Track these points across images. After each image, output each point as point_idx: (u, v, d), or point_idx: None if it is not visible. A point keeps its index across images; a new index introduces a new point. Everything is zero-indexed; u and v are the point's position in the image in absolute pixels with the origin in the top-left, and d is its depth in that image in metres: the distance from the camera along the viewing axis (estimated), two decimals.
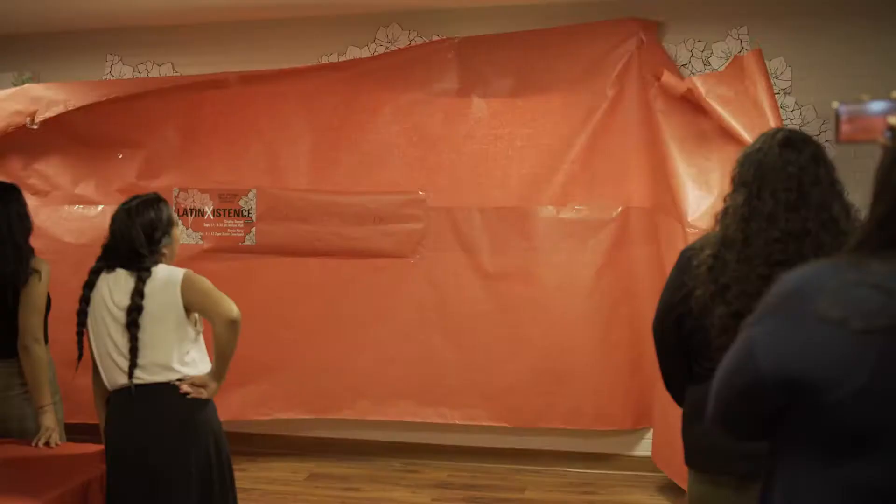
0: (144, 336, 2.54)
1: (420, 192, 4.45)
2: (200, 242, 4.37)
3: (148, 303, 2.55)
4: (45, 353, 2.98)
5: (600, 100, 4.25)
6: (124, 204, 2.69)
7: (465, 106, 4.41)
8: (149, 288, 2.56)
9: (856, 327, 1.03)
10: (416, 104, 4.44)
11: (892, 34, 4.78)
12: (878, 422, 1.04)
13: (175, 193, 4.53)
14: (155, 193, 2.76)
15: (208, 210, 4.22)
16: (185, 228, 4.25)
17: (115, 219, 2.67)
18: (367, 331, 4.45)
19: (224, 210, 4.20)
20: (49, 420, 2.94)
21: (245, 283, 4.25)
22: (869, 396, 1.03)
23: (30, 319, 2.95)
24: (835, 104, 1.26)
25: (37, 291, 2.97)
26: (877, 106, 1.23)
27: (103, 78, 6.04)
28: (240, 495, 2.84)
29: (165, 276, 2.60)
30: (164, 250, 2.69)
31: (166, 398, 2.55)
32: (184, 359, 2.59)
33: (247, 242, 4.22)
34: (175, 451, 2.54)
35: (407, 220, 4.44)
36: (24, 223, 3.04)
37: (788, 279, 1.13)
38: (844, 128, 1.25)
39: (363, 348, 4.44)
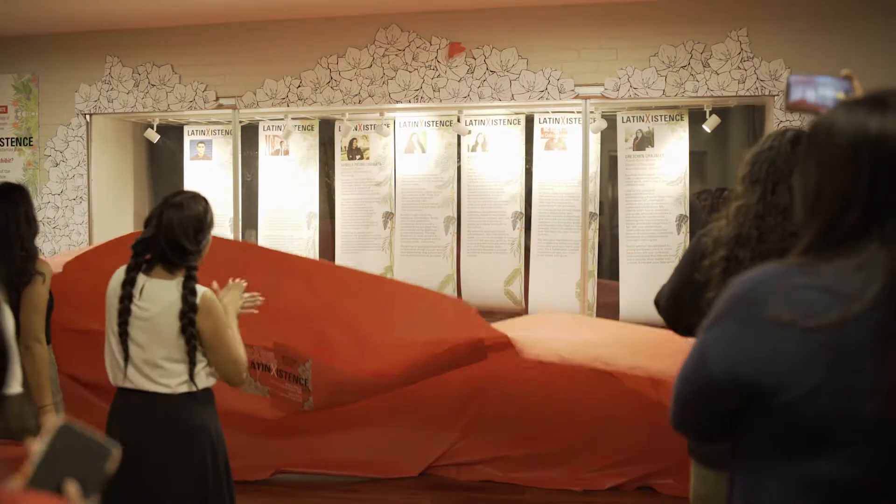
0: (145, 340, 2.51)
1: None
2: (266, 396, 4.19)
3: (154, 308, 2.50)
4: (46, 353, 2.99)
5: None
6: (172, 197, 2.55)
7: None
8: (162, 296, 2.49)
9: (805, 327, 1.06)
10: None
11: (890, 35, 4.81)
12: (831, 419, 1.06)
13: None
14: (197, 192, 2.65)
15: (273, 368, 4.16)
16: (252, 381, 4.12)
17: (159, 213, 2.51)
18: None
19: (286, 373, 4.10)
20: (50, 420, 2.93)
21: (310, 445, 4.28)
22: (821, 395, 1.06)
23: (32, 319, 2.95)
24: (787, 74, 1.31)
25: (39, 292, 2.98)
26: (825, 80, 1.28)
27: (103, 79, 6.05)
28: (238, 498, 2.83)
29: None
30: (204, 249, 2.58)
31: (163, 404, 2.51)
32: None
33: (305, 408, 4.14)
34: (172, 456, 2.51)
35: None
36: (31, 224, 3.07)
37: (738, 284, 1.15)
38: (793, 96, 1.29)
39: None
